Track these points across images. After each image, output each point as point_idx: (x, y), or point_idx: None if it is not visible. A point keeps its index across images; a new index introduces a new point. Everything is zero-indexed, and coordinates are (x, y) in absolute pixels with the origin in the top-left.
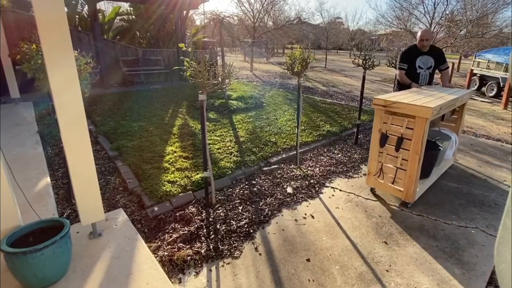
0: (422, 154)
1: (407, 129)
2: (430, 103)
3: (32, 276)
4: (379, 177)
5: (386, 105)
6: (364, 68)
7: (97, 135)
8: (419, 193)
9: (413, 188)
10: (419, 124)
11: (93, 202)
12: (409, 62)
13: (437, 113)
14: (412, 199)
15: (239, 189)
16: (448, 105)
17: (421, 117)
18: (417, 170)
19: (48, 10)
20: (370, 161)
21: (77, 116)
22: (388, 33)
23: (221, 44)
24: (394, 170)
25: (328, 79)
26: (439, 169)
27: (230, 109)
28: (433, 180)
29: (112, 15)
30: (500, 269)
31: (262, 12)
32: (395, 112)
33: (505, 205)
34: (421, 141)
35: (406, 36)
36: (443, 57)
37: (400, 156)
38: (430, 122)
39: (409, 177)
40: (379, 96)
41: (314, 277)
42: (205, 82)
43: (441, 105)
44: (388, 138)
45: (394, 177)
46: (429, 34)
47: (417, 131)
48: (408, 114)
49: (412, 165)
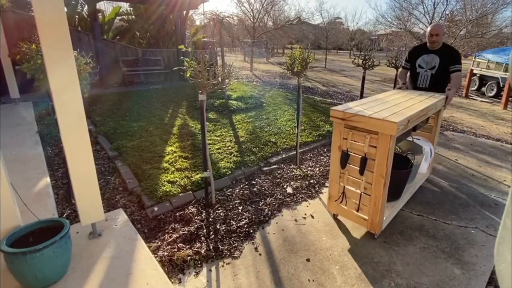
0: (388, 176)
1: (370, 147)
2: (395, 116)
3: (31, 276)
4: (342, 202)
5: (345, 118)
6: (364, 68)
7: (97, 135)
8: (388, 219)
9: (379, 217)
10: (383, 142)
11: (93, 202)
12: (412, 61)
13: (404, 127)
14: (378, 229)
15: (239, 189)
16: (418, 116)
17: (385, 133)
18: (383, 196)
19: (48, 10)
20: (330, 183)
21: (77, 116)
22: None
23: (221, 44)
24: (357, 195)
25: (328, 79)
26: (413, 186)
27: (230, 109)
28: (405, 200)
29: (112, 15)
30: (500, 269)
31: (262, 12)
32: (355, 126)
33: (505, 205)
34: (387, 162)
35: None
36: (455, 57)
37: (363, 179)
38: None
39: (374, 204)
40: (337, 107)
41: (314, 277)
42: (205, 82)
43: (409, 118)
44: (349, 157)
45: (358, 203)
46: (439, 28)
47: (381, 150)
48: (369, 129)
49: (377, 189)
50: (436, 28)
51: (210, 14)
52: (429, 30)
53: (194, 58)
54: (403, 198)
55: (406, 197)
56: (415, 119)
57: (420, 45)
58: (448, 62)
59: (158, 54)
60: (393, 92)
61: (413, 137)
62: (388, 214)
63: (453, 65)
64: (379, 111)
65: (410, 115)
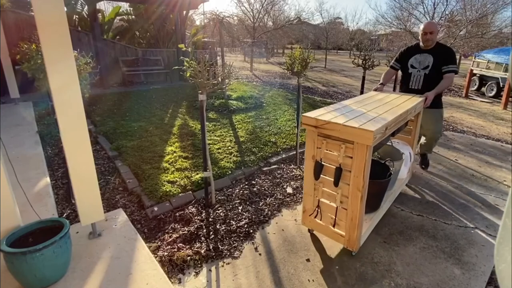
0: (365, 189)
1: (346, 157)
2: (371, 123)
3: (31, 276)
4: (317, 217)
5: (318, 126)
6: (364, 68)
7: (97, 135)
8: (367, 233)
9: (356, 233)
10: (359, 152)
11: (92, 202)
12: (403, 61)
13: (382, 135)
14: (356, 246)
15: (239, 189)
16: (397, 121)
17: (361, 143)
18: (360, 210)
19: (47, 10)
20: (304, 196)
21: (76, 116)
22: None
23: (221, 44)
24: (333, 209)
25: (328, 79)
26: (393, 193)
27: (230, 109)
28: (384, 209)
29: (112, 15)
30: (500, 269)
31: (262, 12)
32: (329, 135)
33: (505, 205)
34: (363, 174)
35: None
36: (449, 57)
37: (339, 192)
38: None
39: (351, 219)
40: (309, 114)
41: (314, 277)
42: (205, 82)
43: (387, 125)
44: (323, 167)
45: (334, 217)
46: (433, 26)
47: (357, 161)
48: (344, 138)
49: (354, 204)
50: (430, 25)
51: (210, 14)
52: (422, 28)
53: (194, 58)
54: (382, 208)
55: (386, 206)
56: (393, 125)
57: (412, 45)
58: (442, 62)
59: (158, 54)
60: (371, 95)
61: (392, 141)
62: (367, 228)
63: (446, 65)
64: (355, 117)
65: (388, 121)
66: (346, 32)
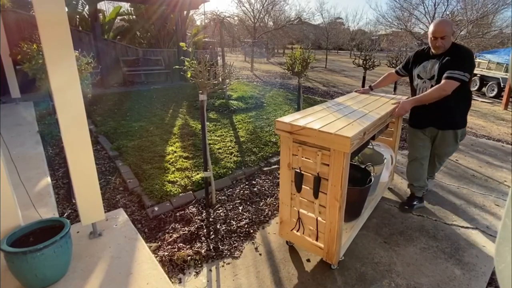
0: (343, 199)
1: (323, 165)
2: (349, 129)
3: (32, 276)
4: (294, 228)
5: (293, 132)
6: (365, 69)
7: (98, 135)
8: (347, 243)
9: (335, 245)
10: (336, 160)
11: (93, 202)
12: (410, 69)
13: (360, 141)
14: (335, 259)
15: (239, 189)
16: (376, 125)
17: (338, 150)
18: (339, 221)
19: (48, 10)
20: (281, 206)
21: (77, 116)
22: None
23: (221, 44)
24: (311, 220)
25: (328, 79)
26: (374, 199)
27: (230, 109)
28: (365, 217)
29: (112, 15)
30: (500, 269)
31: (262, 12)
32: (305, 141)
33: (505, 205)
34: (341, 182)
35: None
36: (458, 62)
37: (317, 202)
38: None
39: (329, 231)
40: (283, 118)
41: (314, 278)
42: (205, 82)
43: (365, 129)
44: (303, 176)
45: (312, 229)
46: (445, 27)
47: (334, 169)
48: (321, 145)
49: (332, 214)
50: (440, 28)
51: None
52: (430, 30)
53: (194, 58)
54: (363, 215)
55: (367, 213)
56: (372, 130)
57: (422, 49)
58: (449, 68)
59: (159, 54)
60: (352, 96)
61: (373, 144)
62: (347, 238)
63: (449, 69)
64: (332, 121)
65: (366, 126)
66: (346, 32)
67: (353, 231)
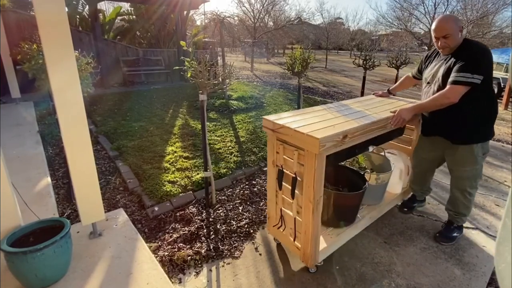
0: (318, 201)
1: (299, 165)
2: (326, 131)
3: (32, 276)
4: (277, 225)
5: (275, 129)
6: (365, 69)
7: (98, 135)
8: (332, 249)
9: (310, 248)
10: (309, 160)
11: (93, 202)
12: (422, 71)
13: (337, 143)
14: (311, 263)
15: (239, 189)
16: (365, 130)
17: (310, 151)
18: (313, 224)
19: (49, 10)
20: (268, 202)
21: (77, 116)
22: (389, 34)
23: (221, 44)
24: (291, 219)
25: (328, 79)
26: (379, 208)
27: (230, 109)
28: (364, 225)
29: (113, 15)
30: (500, 269)
31: (262, 12)
32: (285, 140)
33: (505, 205)
34: (313, 184)
35: (406, 36)
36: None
37: (294, 202)
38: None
39: (305, 232)
40: (269, 116)
41: (314, 277)
42: (205, 82)
43: (345, 132)
44: (284, 174)
45: (294, 229)
46: (446, 25)
47: (307, 170)
48: (296, 144)
49: (306, 216)
50: (440, 25)
51: (211, 14)
52: (432, 29)
53: (194, 58)
54: (358, 224)
55: (365, 222)
56: (358, 134)
57: (434, 49)
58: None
59: (159, 54)
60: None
61: (389, 151)
62: (331, 243)
63: (457, 72)
64: (315, 122)
65: (346, 129)
66: (346, 32)
67: (340, 238)
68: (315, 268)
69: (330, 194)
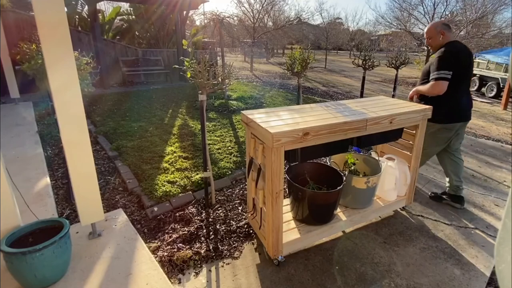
0: (278, 195)
1: (263, 157)
2: (282, 127)
3: (31, 276)
4: (253, 214)
5: (247, 123)
6: (364, 69)
7: (97, 135)
8: (298, 245)
9: (272, 239)
10: (268, 154)
11: (92, 202)
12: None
13: (296, 140)
14: (275, 253)
15: (239, 189)
16: (330, 129)
17: (267, 145)
18: (274, 216)
19: (48, 10)
20: (248, 193)
21: (77, 116)
22: (388, 34)
23: (221, 45)
24: (259, 208)
25: (328, 79)
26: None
27: (230, 109)
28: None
29: (112, 15)
30: (499, 269)
31: (262, 12)
32: (255, 134)
33: (505, 206)
34: (271, 177)
35: (405, 36)
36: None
37: (260, 192)
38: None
39: (268, 223)
40: (246, 111)
41: (314, 277)
42: (205, 82)
43: (307, 130)
44: (252, 163)
45: (260, 218)
46: (427, 27)
47: (268, 163)
48: (259, 138)
49: (268, 207)
50: (426, 30)
51: (210, 14)
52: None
53: (194, 58)
54: (337, 224)
55: (344, 224)
56: (325, 133)
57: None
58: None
59: (158, 54)
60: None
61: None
62: (302, 239)
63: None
64: (285, 119)
65: (307, 126)
66: (346, 32)
67: (310, 236)
68: (277, 261)
69: (304, 191)
